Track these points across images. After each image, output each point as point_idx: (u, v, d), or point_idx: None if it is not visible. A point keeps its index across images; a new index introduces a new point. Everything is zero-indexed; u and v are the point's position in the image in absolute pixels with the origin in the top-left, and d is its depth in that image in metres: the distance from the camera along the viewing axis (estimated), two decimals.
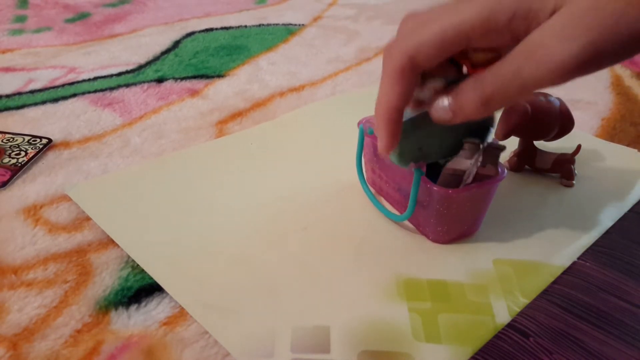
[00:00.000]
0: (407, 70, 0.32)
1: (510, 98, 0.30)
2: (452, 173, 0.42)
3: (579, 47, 0.27)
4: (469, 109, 0.31)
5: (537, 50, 0.28)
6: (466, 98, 0.31)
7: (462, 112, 0.32)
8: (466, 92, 0.31)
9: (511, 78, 0.29)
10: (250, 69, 0.82)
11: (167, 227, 0.48)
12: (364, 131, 0.48)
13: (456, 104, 0.32)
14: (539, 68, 0.28)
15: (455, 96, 0.32)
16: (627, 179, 0.55)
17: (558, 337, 0.37)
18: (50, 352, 0.36)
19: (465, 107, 0.31)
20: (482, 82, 0.30)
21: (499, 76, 0.29)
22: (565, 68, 0.27)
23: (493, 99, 0.30)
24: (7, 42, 0.93)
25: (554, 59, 0.27)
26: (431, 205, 0.43)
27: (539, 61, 0.28)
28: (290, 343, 0.37)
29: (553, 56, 0.27)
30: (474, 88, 0.31)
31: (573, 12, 0.27)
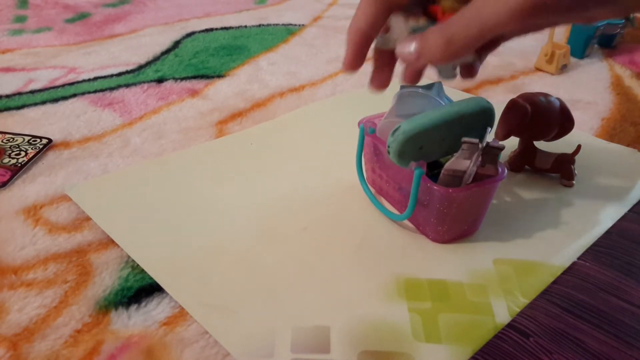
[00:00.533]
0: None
1: (471, 38, 0.32)
2: (452, 173, 0.42)
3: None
4: (432, 49, 0.33)
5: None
6: (431, 39, 0.33)
7: (426, 53, 0.34)
8: (431, 33, 0.33)
9: (472, 18, 0.31)
10: (250, 69, 0.82)
11: (167, 227, 0.48)
12: (364, 131, 0.48)
13: (421, 45, 0.34)
14: (497, 7, 0.30)
15: (421, 37, 0.34)
16: (627, 179, 0.55)
17: (558, 337, 0.37)
18: (50, 352, 0.36)
19: (430, 48, 0.33)
20: (447, 24, 0.33)
21: (462, 17, 0.32)
22: (522, 7, 0.29)
23: (454, 38, 0.32)
24: (7, 42, 0.93)
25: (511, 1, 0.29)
26: (432, 205, 0.43)
27: (495, 4, 0.30)
28: (290, 343, 0.37)
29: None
30: (439, 30, 0.33)
31: None
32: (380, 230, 0.47)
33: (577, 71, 0.81)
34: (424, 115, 0.41)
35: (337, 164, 0.56)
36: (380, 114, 0.51)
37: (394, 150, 0.41)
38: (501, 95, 0.74)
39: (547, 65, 0.80)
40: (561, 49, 0.79)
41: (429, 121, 0.40)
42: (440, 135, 0.41)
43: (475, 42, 0.32)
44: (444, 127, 0.41)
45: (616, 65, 0.83)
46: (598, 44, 0.90)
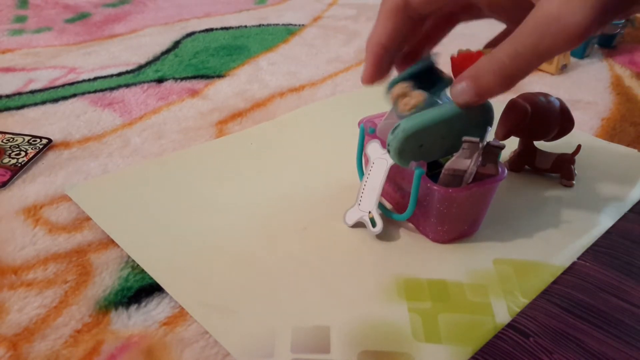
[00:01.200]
0: (400, 10, 0.35)
1: (530, 71, 0.32)
2: (452, 173, 0.42)
3: (591, 9, 0.27)
4: (492, 89, 0.33)
5: (549, 23, 0.28)
6: (489, 80, 0.33)
7: (486, 93, 0.34)
8: (487, 75, 0.33)
9: (531, 55, 0.30)
10: (250, 69, 0.82)
11: (167, 227, 0.48)
12: (364, 130, 0.48)
13: (478, 88, 0.34)
14: (556, 41, 0.29)
15: (476, 81, 0.33)
16: (627, 179, 0.55)
17: (558, 337, 0.37)
18: (50, 352, 0.36)
19: (488, 88, 0.33)
20: (499, 61, 0.31)
21: (517, 56, 0.30)
22: (581, 34, 0.28)
23: (514, 76, 0.32)
24: (7, 42, 0.93)
25: (569, 29, 0.28)
26: (432, 205, 0.43)
27: (554, 34, 0.28)
28: (290, 343, 0.37)
29: (568, 27, 0.28)
30: (492, 68, 0.32)
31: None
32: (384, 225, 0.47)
33: (577, 71, 0.81)
34: (424, 114, 0.41)
35: (337, 164, 0.56)
36: (381, 114, 0.51)
37: (393, 148, 0.41)
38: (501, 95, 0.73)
39: (547, 65, 0.80)
40: None
41: (429, 119, 0.40)
42: (440, 133, 0.41)
43: (535, 67, 0.32)
44: (444, 125, 0.41)
45: (616, 65, 0.83)
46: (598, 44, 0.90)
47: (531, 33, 0.29)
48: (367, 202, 0.46)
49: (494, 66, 0.32)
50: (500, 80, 0.32)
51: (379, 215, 0.45)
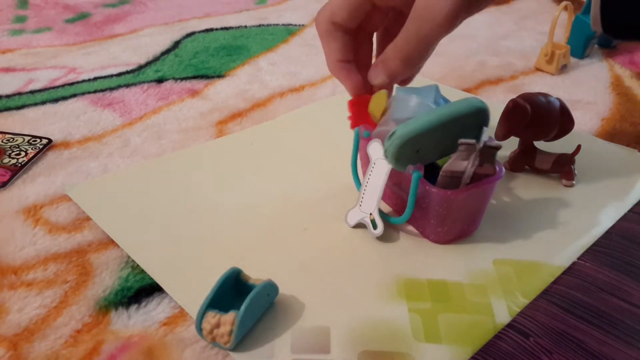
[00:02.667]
0: (332, 31, 0.42)
1: (423, 53, 0.38)
2: (450, 175, 0.42)
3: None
4: (397, 70, 0.40)
5: (425, 13, 0.35)
6: (393, 64, 0.40)
7: (394, 74, 0.40)
8: (391, 59, 0.39)
9: (416, 39, 0.37)
10: (250, 69, 0.82)
11: (167, 227, 0.48)
12: (359, 134, 0.48)
13: (387, 70, 0.40)
14: (432, 26, 0.36)
15: (385, 65, 0.40)
16: (627, 179, 0.55)
17: (558, 337, 0.37)
18: (50, 352, 0.36)
19: (394, 69, 0.40)
20: (397, 46, 0.38)
21: (408, 41, 0.37)
22: (450, 20, 0.35)
23: (411, 57, 0.38)
24: (7, 42, 0.93)
25: (439, 15, 0.35)
26: (431, 207, 0.43)
27: (430, 20, 0.35)
28: (290, 343, 0.37)
29: (439, 13, 0.35)
30: (394, 53, 0.39)
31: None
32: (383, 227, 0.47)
33: (577, 71, 0.81)
34: (419, 119, 0.41)
35: (338, 164, 0.56)
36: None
37: (390, 154, 0.41)
38: (501, 95, 0.74)
39: (547, 65, 0.80)
40: (561, 49, 0.79)
41: (425, 124, 0.40)
42: (436, 137, 0.41)
43: (429, 52, 0.38)
44: (439, 130, 0.41)
45: (616, 65, 0.83)
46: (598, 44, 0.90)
47: (413, 22, 0.36)
48: (369, 204, 0.46)
49: (396, 52, 0.38)
50: (402, 63, 0.38)
51: (380, 217, 0.45)
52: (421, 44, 0.37)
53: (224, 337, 0.35)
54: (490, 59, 0.85)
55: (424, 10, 0.35)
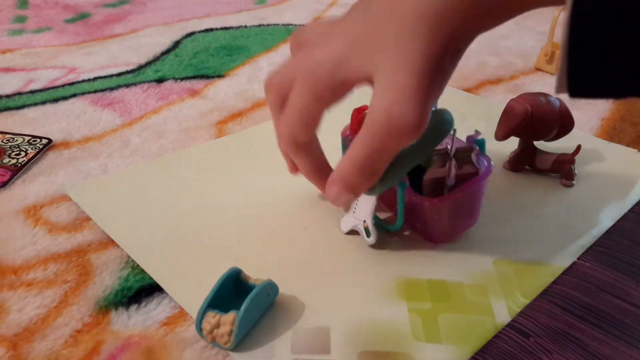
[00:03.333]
0: (300, 149, 0.37)
1: (383, 163, 0.32)
2: (433, 181, 0.42)
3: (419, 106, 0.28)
4: (356, 184, 0.33)
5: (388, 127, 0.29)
6: (351, 179, 0.33)
7: (355, 190, 0.33)
8: (348, 175, 0.33)
9: (379, 152, 0.31)
10: (250, 69, 0.82)
11: (167, 227, 0.48)
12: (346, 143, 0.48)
13: (347, 185, 0.33)
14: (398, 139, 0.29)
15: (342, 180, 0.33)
16: (627, 179, 0.55)
17: (558, 337, 0.37)
18: (50, 352, 0.36)
19: (354, 184, 0.33)
20: (352, 159, 0.32)
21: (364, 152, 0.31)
22: (417, 130, 0.29)
23: (374, 169, 0.32)
24: (7, 42, 0.93)
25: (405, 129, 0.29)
26: (424, 213, 0.44)
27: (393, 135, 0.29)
28: (290, 343, 0.37)
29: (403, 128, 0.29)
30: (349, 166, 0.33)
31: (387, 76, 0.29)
32: (380, 230, 0.47)
33: None
34: None
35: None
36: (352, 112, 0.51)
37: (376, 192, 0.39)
38: (501, 95, 0.74)
39: (547, 65, 0.80)
40: None
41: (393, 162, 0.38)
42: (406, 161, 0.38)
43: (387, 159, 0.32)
44: (407, 155, 0.37)
45: None
46: None
47: (374, 136, 0.30)
48: (363, 211, 0.46)
49: (351, 165, 0.32)
50: (359, 175, 0.32)
51: (373, 225, 0.45)
52: (385, 157, 0.31)
53: (224, 337, 0.35)
54: (490, 59, 0.85)
55: (382, 125, 0.29)
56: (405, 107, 0.28)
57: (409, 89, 0.28)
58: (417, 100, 0.28)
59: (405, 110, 0.28)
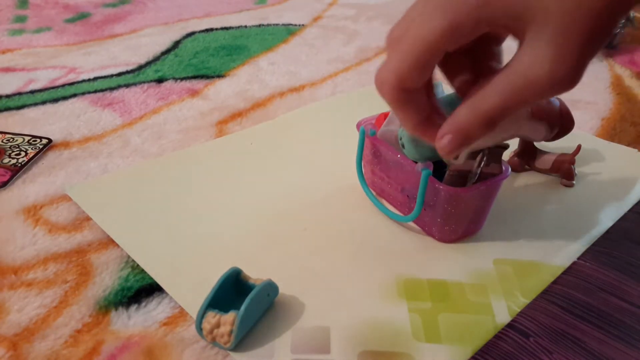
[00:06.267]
0: (404, 98, 0.31)
1: (507, 115, 0.29)
2: (457, 174, 0.42)
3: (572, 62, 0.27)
4: (474, 134, 0.30)
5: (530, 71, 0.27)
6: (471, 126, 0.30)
7: (469, 139, 0.31)
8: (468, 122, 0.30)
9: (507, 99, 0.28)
10: (250, 69, 0.82)
11: (167, 227, 0.48)
12: (365, 132, 0.48)
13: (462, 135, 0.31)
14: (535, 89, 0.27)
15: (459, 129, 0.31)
16: (627, 179, 0.55)
17: (558, 337, 0.37)
18: (50, 352, 0.36)
19: (471, 133, 0.30)
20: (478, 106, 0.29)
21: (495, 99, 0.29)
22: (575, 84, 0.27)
23: (493, 119, 0.29)
24: (7, 42, 0.93)
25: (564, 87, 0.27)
26: (438, 205, 0.43)
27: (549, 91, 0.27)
28: (290, 343, 0.37)
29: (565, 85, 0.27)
30: (473, 113, 0.30)
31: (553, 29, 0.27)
32: (380, 230, 0.47)
33: None
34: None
35: (338, 164, 0.56)
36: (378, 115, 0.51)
37: (406, 136, 0.39)
38: None
39: None
40: None
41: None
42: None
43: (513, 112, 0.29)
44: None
45: (616, 65, 0.83)
46: None
47: (520, 89, 0.28)
48: None
49: (475, 113, 0.30)
50: (482, 125, 0.30)
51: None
52: (511, 105, 0.29)
53: (224, 337, 0.35)
54: None
55: (528, 66, 0.27)
56: (570, 64, 0.26)
57: (578, 47, 0.26)
58: (583, 59, 0.26)
59: (570, 68, 0.26)
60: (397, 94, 0.31)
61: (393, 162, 0.47)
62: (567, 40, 0.26)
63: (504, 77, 0.28)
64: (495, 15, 0.28)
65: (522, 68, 0.27)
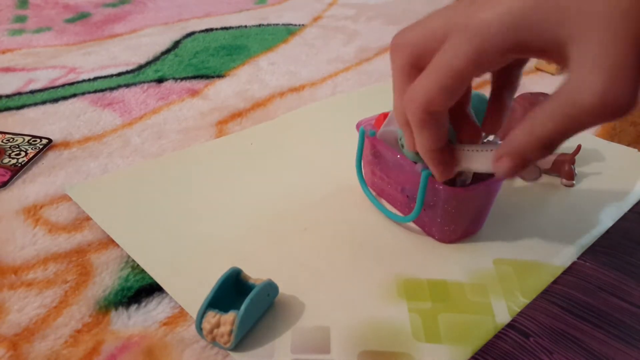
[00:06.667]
0: (428, 121, 0.32)
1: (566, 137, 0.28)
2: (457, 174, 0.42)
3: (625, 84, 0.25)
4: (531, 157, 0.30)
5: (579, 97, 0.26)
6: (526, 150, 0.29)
7: (526, 162, 0.30)
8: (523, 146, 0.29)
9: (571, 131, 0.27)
10: (250, 69, 0.82)
11: (167, 227, 0.48)
12: (364, 133, 0.48)
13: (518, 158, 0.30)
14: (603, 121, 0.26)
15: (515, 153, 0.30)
16: (627, 179, 0.55)
17: (558, 337, 0.37)
18: (50, 352, 0.36)
19: (528, 156, 0.30)
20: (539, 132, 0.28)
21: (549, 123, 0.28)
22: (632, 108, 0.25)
23: (558, 142, 0.28)
24: (7, 42, 0.93)
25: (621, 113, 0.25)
26: (438, 205, 0.43)
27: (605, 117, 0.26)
28: (290, 343, 0.37)
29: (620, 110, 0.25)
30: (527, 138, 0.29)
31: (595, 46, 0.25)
32: (380, 230, 0.47)
33: None
34: None
35: (338, 164, 0.56)
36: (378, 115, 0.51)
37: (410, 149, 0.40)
38: None
39: (547, 65, 0.80)
40: None
41: None
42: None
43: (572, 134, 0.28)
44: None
45: None
46: None
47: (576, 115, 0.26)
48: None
49: (539, 143, 0.29)
50: (545, 152, 0.29)
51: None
52: (566, 131, 0.27)
53: (224, 337, 0.35)
54: None
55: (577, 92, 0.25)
56: (621, 89, 0.24)
57: (628, 69, 0.24)
58: (634, 81, 0.24)
59: (622, 92, 0.24)
60: (422, 114, 0.31)
61: (393, 162, 0.47)
62: (617, 63, 0.24)
63: (556, 103, 0.27)
64: (525, 40, 0.26)
65: (572, 95, 0.26)
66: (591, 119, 0.26)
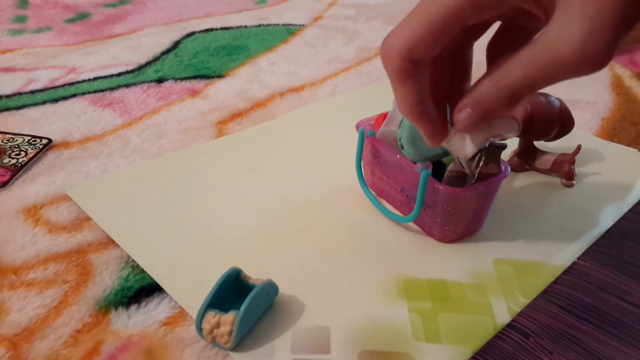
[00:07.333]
0: (410, 70, 0.29)
1: (534, 89, 0.27)
2: (456, 174, 0.42)
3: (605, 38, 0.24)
4: (494, 109, 0.29)
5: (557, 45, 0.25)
6: (490, 101, 0.29)
7: (488, 113, 0.29)
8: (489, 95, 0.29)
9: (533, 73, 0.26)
10: (250, 69, 0.82)
11: (167, 227, 0.48)
12: (364, 133, 0.48)
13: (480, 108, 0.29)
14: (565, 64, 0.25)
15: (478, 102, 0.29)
16: (627, 179, 0.55)
17: (558, 337, 0.37)
18: (50, 352, 0.36)
19: (490, 108, 0.29)
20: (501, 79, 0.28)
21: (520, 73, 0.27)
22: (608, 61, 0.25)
23: (518, 93, 0.27)
24: (7, 42, 0.93)
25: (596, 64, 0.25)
26: (438, 205, 0.43)
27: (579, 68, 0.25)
28: (290, 343, 0.37)
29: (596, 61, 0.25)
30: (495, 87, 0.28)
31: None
32: (380, 230, 0.47)
33: None
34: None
35: (338, 164, 0.56)
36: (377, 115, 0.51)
37: (405, 136, 0.39)
38: None
39: None
40: None
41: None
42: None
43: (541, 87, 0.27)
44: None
45: (616, 65, 0.83)
46: None
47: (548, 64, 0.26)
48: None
49: (499, 86, 0.28)
50: (504, 100, 0.28)
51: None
52: (535, 82, 0.27)
53: (224, 337, 0.35)
54: None
55: (555, 42, 0.25)
56: (601, 39, 0.24)
57: (610, 21, 0.24)
58: (616, 36, 0.24)
59: (601, 43, 0.24)
60: (403, 64, 0.29)
61: (392, 162, 0.47)
62: (600, 13, 0.24)
63: (529, 52, 0.26)
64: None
65: (549, 43, 0.25)
66: (565, 69, 0.25)
